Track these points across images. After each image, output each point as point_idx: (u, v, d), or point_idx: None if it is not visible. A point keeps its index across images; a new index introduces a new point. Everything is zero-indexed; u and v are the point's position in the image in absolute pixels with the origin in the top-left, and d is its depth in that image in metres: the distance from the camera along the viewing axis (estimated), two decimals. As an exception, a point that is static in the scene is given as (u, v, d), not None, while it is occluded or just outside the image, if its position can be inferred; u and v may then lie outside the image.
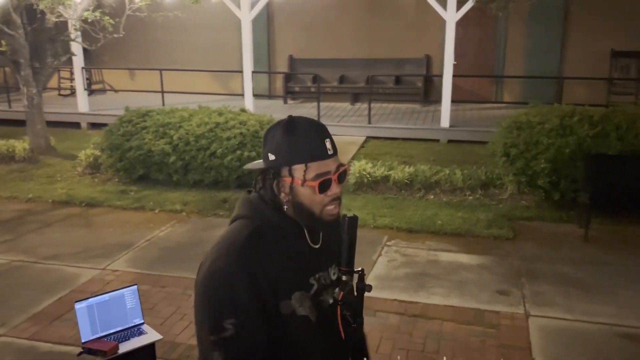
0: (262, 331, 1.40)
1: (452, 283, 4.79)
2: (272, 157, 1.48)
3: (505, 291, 4.63)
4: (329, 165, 1.48)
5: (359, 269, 1.53)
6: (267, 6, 10.99)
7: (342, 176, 1.51)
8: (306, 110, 11.16)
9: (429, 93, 11.76)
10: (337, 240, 1.59)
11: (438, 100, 9.99)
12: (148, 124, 7.50)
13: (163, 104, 10.47)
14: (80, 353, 2.96)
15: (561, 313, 4.29)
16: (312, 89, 11.37)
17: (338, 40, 12.00)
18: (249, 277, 1.40)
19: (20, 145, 8.65)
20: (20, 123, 9.46)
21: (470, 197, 6.88)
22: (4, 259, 5.37)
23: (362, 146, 9.45)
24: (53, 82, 13.40)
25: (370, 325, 4.07)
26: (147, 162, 7.32)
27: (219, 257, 1.44)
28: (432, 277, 4.92)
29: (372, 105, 10.38)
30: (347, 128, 10.08)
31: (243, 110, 7.82)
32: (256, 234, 1.46)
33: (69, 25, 8.96)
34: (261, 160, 1.54)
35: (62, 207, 6.86)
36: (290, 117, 1.50)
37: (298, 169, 1.45)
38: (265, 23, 12.28)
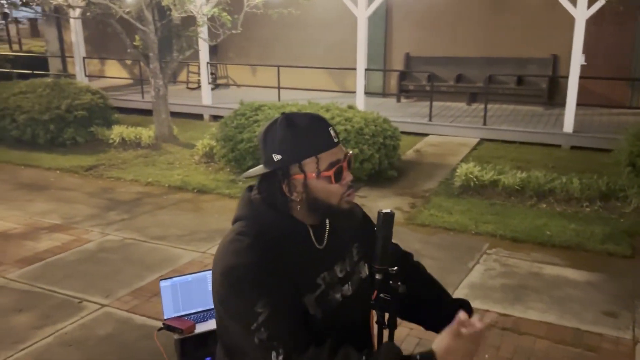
0: (292, 302, 1.38)
1: (553, 299, 4.44)
2: (277, 157, 1.42)
3: (613, 313, 4.20)
4: (337, 153, 1.44)
5: (394, 268, 1.45)
6: (385, 3, 10.91)
7: (350, 163, 1.46)
8: (419, 109, 10.95)
9: (553, 95, 11.02)
10: (349, 235, 1.55)
11: (563, 104, 9.32)
12: (260, 118, 7.76)
13: (279, 99, 10.79)
14: (161, 329, 3.11)
15: (678, 344, 3.81)
16: (427, 88, 11.11)
17: (457, 37, 11.62)
18: (262, 265, 1.38)
19: (146, 133, 9.35)
20: (150, 112, 10.21)
21: (588, 209, 6.33)
22: (119, 236, 5.83)
23: (474, 148, 9.08)
24: (183, 76, 14.39)
25: (455, 333, 3.89)
26: (257, 154, 7.56)
27: (229, 259, 1.42)
28: (531, 290, 4.59)
29: (490, 106, 9.92)
30: (460, 129, 9.74)
31: (350, 107, 7.83)
32: (260, 237, 1.42)
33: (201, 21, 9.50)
34: (260, 166, 1.49)
35: (176, 192, 7.30)
36: (284, 113, 1.46)
37: (309, 163, 1.41)
38: (383, 20, 12.20)
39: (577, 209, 6.34)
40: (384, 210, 1.44)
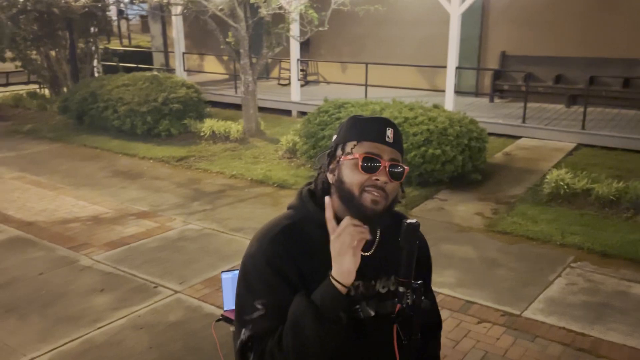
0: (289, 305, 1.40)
1: (639, 321, 4.08)
2: (334, 137, 1.53)
3: None
4: (383, 150, 1.42)
5: (418, 282, 1.38)
6: (482, -1, 10.52)
7: (396, 172, 1.42)
8: (512, 110, 10.47)
9: (665, 99, 10.13)
10: (397, 249, 1.45)
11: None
12: (342, 115, 7.76)
13: (365, 97, 10.72)
14: (219, 320, 3.20)
15: None
16: (523, 88, 10.59)
17: (558, 36, 10.97)
18: (275, 265, 1.42)
19: (235, 127, 9.64)
20: (240, 107, 10.51)
21: (693, 225, 5.77)
22: (200, 226, 6.05)
23: (569, 154, 8.54)
24: (276, 72, 14.70)
25: (524, 350, 3.68)
26: (338, 152, 7.56)
27: (255, 242, 1.50)
28: (616, 310, 4.25)
29: (592, 109, 9.27)
30: (556, 132, 9.20)
31: (435, 107, 7.63)
32: (292, 228, 1.46)
33: (289, 18, 9.66)
34: None
35: (257, 186, 7.48)
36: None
37: (349, 145, 1.45)
38: (479, 17, 11.77)
39: (681, 224, 5.80)
40: (408, 221, 1.37)
